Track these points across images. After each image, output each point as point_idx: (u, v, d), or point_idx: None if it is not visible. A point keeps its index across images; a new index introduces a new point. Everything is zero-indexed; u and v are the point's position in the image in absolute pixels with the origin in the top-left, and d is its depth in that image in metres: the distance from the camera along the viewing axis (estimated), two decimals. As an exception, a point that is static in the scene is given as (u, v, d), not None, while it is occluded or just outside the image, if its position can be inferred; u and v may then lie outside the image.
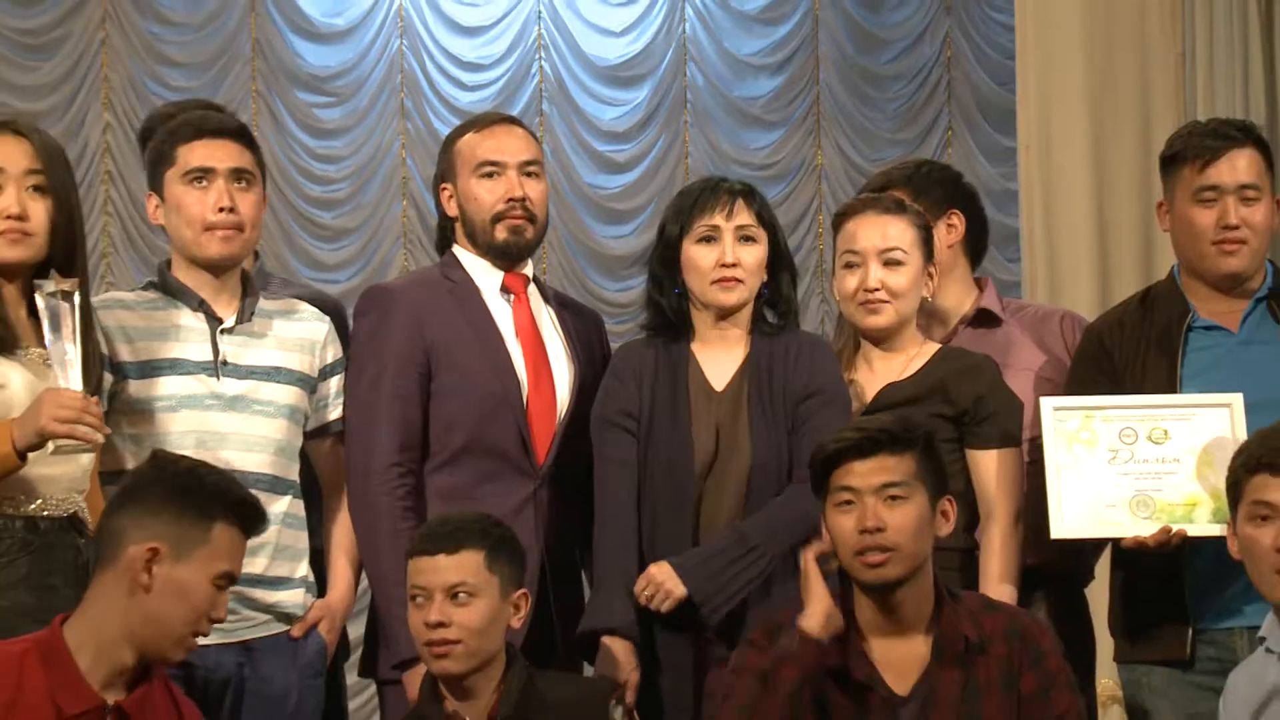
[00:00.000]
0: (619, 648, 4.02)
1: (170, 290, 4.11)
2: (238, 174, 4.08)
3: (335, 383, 4.24)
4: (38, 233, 3.79)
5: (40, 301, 3.68)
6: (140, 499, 3.44)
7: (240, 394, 4.06)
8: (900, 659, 3.73)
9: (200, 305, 4.10)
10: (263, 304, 4.19)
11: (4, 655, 3.36)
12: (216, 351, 4.08)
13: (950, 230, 4.57)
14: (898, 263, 4.17)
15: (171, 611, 3.39)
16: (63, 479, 3.78)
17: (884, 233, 4.20)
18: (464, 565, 3.76)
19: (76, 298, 3.70)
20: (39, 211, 3.80)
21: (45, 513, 3.77)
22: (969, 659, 3.70)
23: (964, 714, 3.68)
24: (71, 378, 3.65)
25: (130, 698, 3.40)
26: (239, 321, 4.12)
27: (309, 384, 4.19)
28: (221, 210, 4.04)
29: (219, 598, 3.44)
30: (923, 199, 4.49)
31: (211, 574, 3.42)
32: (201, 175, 4.06)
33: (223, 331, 4.10)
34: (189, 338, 4.07)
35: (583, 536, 4.25)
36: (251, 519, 3.52)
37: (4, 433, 3.63)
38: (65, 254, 3.82)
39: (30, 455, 3.64)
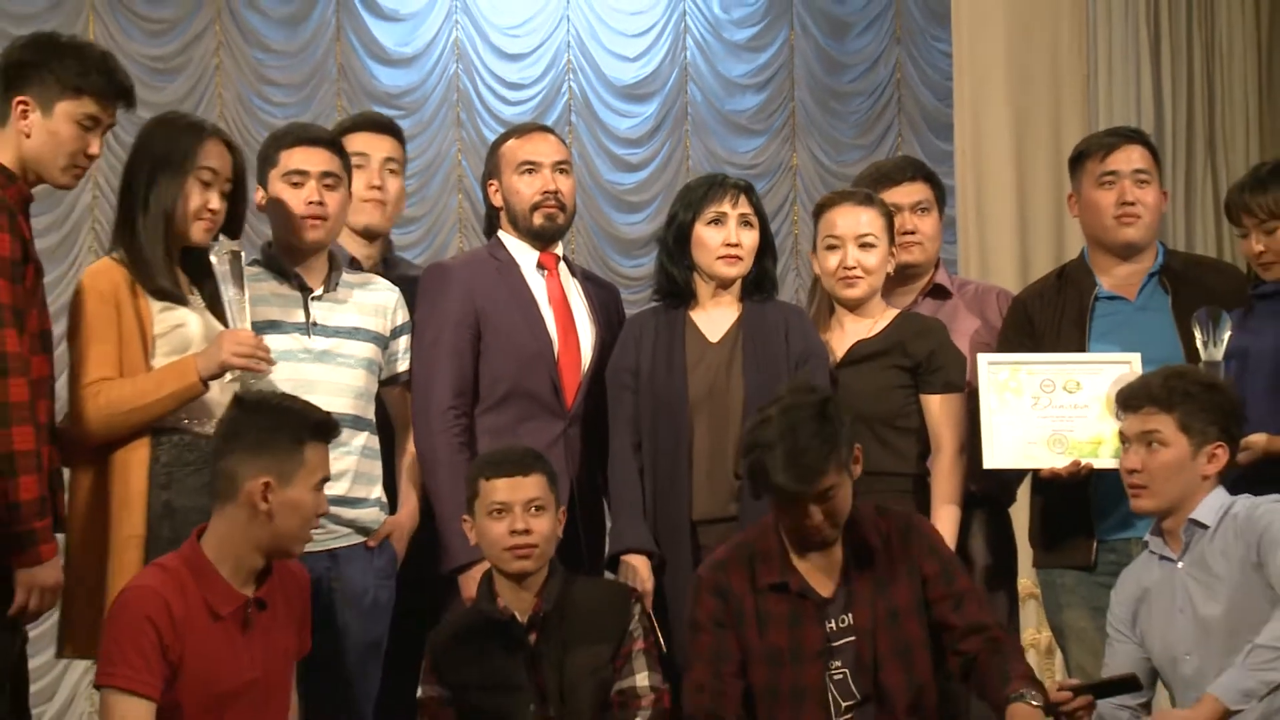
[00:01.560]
0: (638, 562, 4.01)
1: (271, 265, 4.08)
2: (326, 175, 4.06)
3: (404, 341, 4.20)
4: (219, 224, 3.86)
5: (214, 260, 3.76)
6: (241, 441, 3.46)
7: (327, 349, 4.03)
8: (822, 568, 3.69)
9: (295, 277, 4.07)
10: (345, 276, 4.15)
11: (167, 573, 3.41)
12: (308, 315, 4.05)
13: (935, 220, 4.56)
14: (870, 245, 4.15)
15: (290, 523, 3.46)
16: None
17: (858, 220, 4.17)
18: (538, 484, 3.78)
19: (243, 256, 3.79)
20: (220, 206, 3.85)
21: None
22: (875, 558, 3.68)
23: (879, 605, 3.66)
24: (243, 321, 3.74)
25: (262, 589, 3.49)
26: (326, 291, 4.09)
27: (382, 341, 4.15)
28: (311, 204, 4.03)
29: (321, 498, 3.51)
30: (935, 188, 4.54)
31: (312, 485, 3.49)
32: (298, 176, 4.05)
33: (313, 299, 4.07)
34: (286, 304, 4.04)
35: (603, 467, 4.22)
36: (330, 431, 3.58)
37: (189, 365, 3.70)
38: (229, 224, 3.89)
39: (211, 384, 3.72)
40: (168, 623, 3.32)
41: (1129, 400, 3.74)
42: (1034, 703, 3.47)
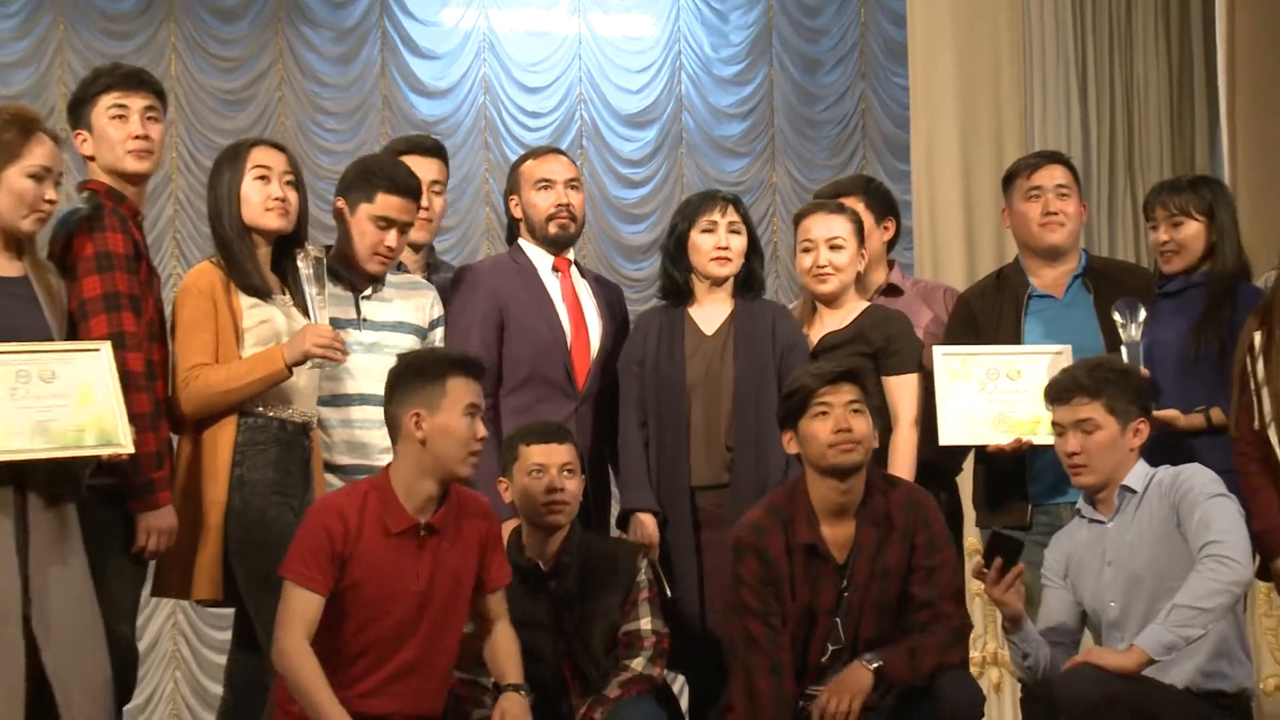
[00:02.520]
0: (646, 519, 4.02)
1: (331, 269, 4.00)
2: (406, 226, 4.08)
3: (439, 332, 4.18)
4: (292, 211, 3.84)
5: (300, 263, 3.74)
6: (397, 389, 3.49)
7: (375, 341, 4.02)
8: (841, 538, 3.68)
9: (348, 280, 4.05)
10: (390, 278, 4.13)
11: (355, 492, 3.50)
12: (359, 311, 4.04)
13: (885, 231, 4.52)
14: (839, 247, 4.15)
15: (446, 447, 3.42)
16: (306, 391, 3.80)
17: (830, 226, 4.17)
18: (569, 451, 3.80)
19: (324, 261, 3.78)
20: (293, 196, 3.85)
21: (292, 418, 3.79)
22: (880, 522, 3.67)
23: (875, 560, 3.65)
24: (323, 317, 3.73)
25: (435, 516, 3.47)
26: (374, 291, 4.08)
27: (421, 333, 4.13)
28: (388, 248, 4.05)
29: (475, 425, 3.47)
30: (871, 204, 4.46)
31: (460, 410, 3.44)
32: (387, 223, 4.02)
33: (363, 298, 4.06)
34: (340, 302, 4.01)
35: (610, 441, 4.21)
36: (469, 364, 3.55)
37: (277, 353, 3.69)
38: (299, 228, 3.89)
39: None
40: (341, 531, 3.37)
41: (1060, 393, 3.73)
42: (870, 665, 3.54)
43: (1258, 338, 3.73)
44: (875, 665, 3.53)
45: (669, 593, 3.92)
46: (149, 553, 3.60)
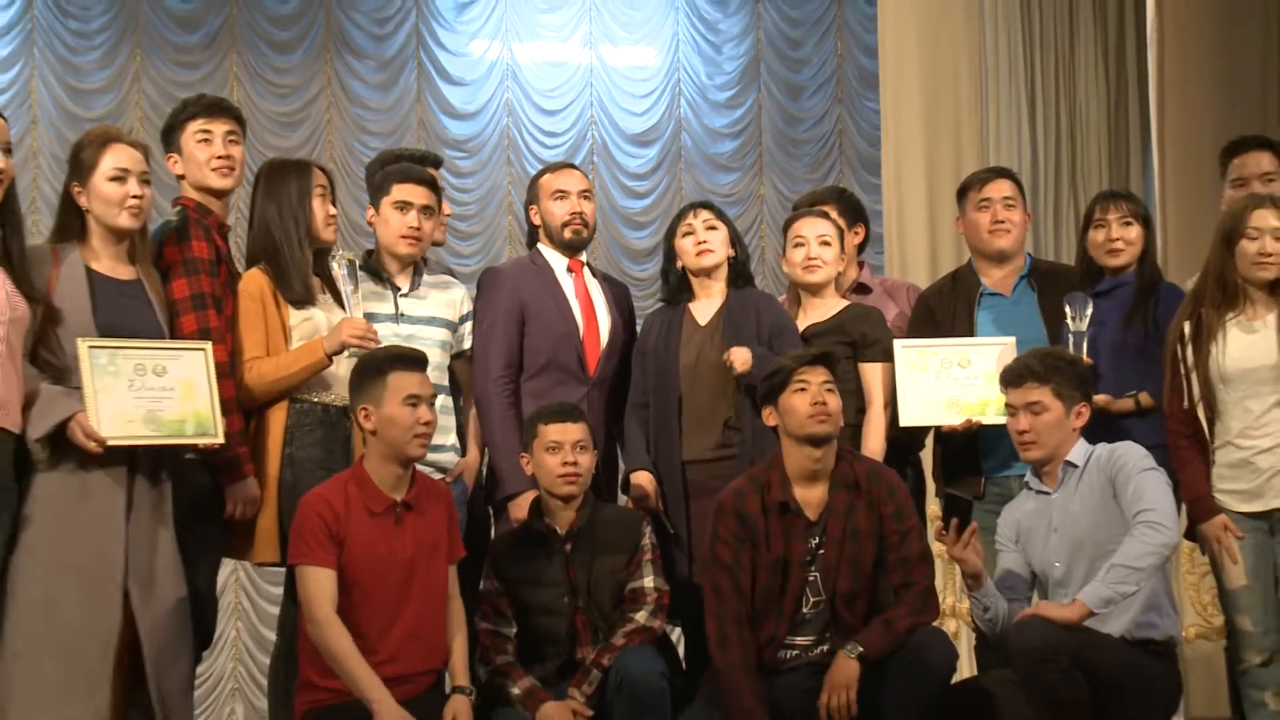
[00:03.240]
0: (644, 478, 4.02)
1: (372, 270, 4.06)
2: (425, 208, 4.06)
3: (468, 325, 4.18)
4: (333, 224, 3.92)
5: (336, 266, 3.75)
6: (350, 389, 3.55)
7: (412, 334, 4.01)
8: (814, 499, 3.70)
9: (389, 279, 4.06)
10: (425, 278, 4.14)
11: (336, 483, 3.52)
12: (397, 307, 4.03)
13: (856, 235, 4.52)
14: (826, 244, 4.14)
15: (393, 433, 3.46)
16: (345, 378, 3.78)
17: (818, 227, 4.17)
18: (582, 430, 3.80)
19: (357, 264, 3.80)
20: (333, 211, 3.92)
21: (334, 403, 3.79)
22: (850, 486, 3.68)
23: (846, 523, 3.66)
24: (357, 312, 3.75)
25: (409, 494, 3.53)
26: (411, 289, 4.08)
27: (452, 326, 4.13)
28: (411, 228, 4.03)
29: (417, 412, 3.49)
30: (843, 212, 4.45)
31: (399, 400, 3.47)
32: (406, 205, 4.04)
33: (400, 295, 4.06)
34: (381, 299, 4.02)
35: (617, 421, 4.20)
36: (409, 359, 3.57)
37: (318, 345, 3.71)
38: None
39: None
40: (331, 516, 3.41)
41: (1014, 378, 3.72)
42: (851, 654, 3.52)
43: (1187, 327, 3.76)
44: (857, 653, 3.52)
45: (671, 530, 3.93)
46: (238, 518, 3.64)
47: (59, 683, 3.31)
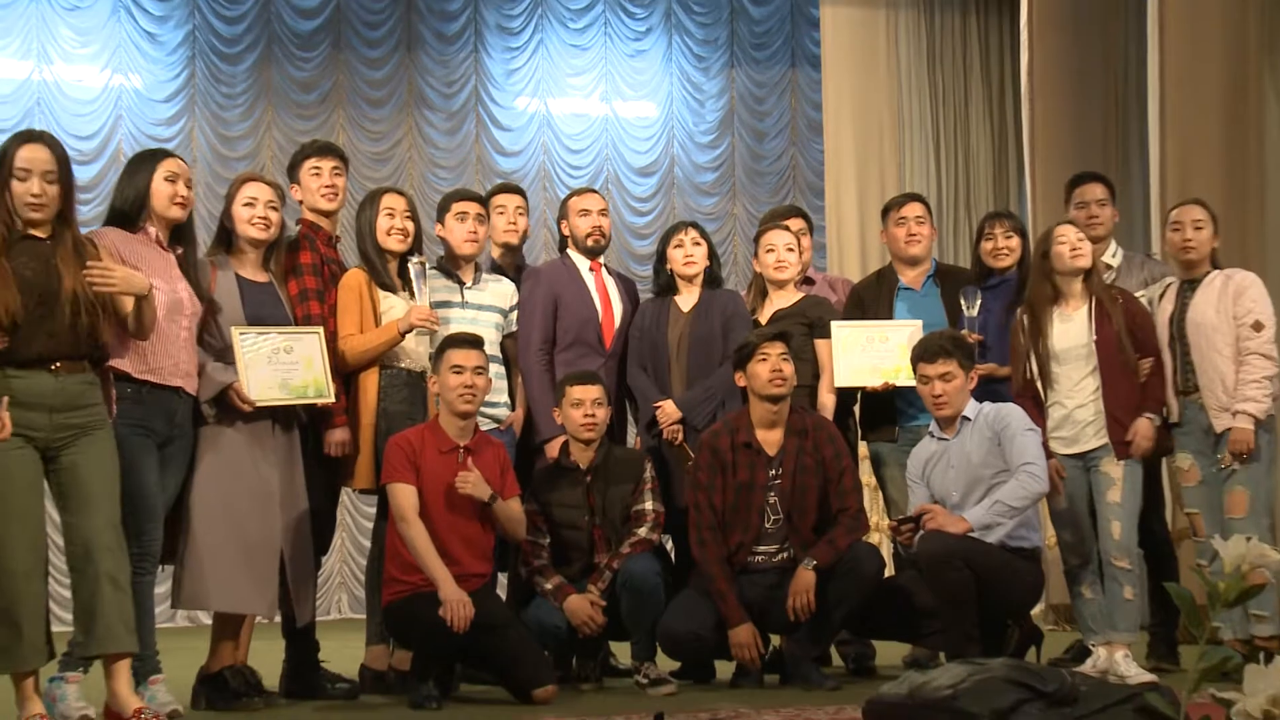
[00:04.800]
0: (671, 405, 3.95)
1: (446, 271, 4.03)
2: (479, 215, 4.03)
3: (515, 313, 4.13)
4: (411, 235, 3.83)
5: (411, 267, 3.70)
6: (430, 364, 3.55)
7: (475, 317, 3.98)
8: (772, 440, 3.70)
9: (456, 276, 4.02)
10: (484, 276, 4.10)
11: (415, 430, 3.53)
12: (462, 297, 3.99)
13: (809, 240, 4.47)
14: (790, 250, 4.09)
15: (446, 395, 3.50)
16: (419, 350, 3.77)
17: (783, 236, 4.12)
18: (600, 390, 3.78)
19: (427, 266, 3.76)
20: (411, 226, 3.83)
21: (412, 368, 3.77)
22: (800, 433, 3.68)
23: (798, 458, 3.66)
24: (424, 301, 3.69)
25: (470, 441, 3.54)
26: (473, 284, 4.04)
27: (504, 313, 4.09)
28: (470, 232, 3.99)
29: (461, 378, 3.49)
30: (806, 223, 4.44)
31: (448, 368, 3.50)
32: (464, 215, 4.00)
33: (466, 288, 4.01)
34: (452, 291, 3.99)
35: (628, 386, 4.15)
36: (461, 340, 3.57)
37: (394, 325, 3.67)
38: (415, 245, 3.83)
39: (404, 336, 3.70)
40: (410, 450, 3.46)
41: (930, 355, 3.68)
42: (808, 567, 3.52)
43: (1026, 320, 3.77)
44: (812, 565, 3.54)
45: (692, 457, 3.84)
46: (333, 455, 3.65)
47: (244, 579, 3.38)
